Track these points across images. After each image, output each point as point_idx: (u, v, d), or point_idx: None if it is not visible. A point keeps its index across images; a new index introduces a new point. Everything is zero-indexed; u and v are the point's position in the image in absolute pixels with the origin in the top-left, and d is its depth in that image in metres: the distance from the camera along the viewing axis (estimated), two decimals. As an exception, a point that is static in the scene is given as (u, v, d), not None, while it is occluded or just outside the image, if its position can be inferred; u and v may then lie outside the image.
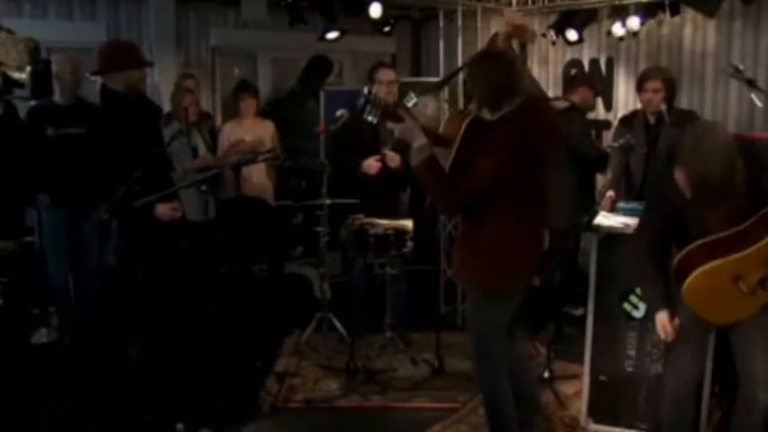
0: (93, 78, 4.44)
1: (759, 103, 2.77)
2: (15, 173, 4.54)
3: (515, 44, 3.63)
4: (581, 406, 3.89)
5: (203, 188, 3.95)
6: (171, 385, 4.03)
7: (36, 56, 3.50)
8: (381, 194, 4.87)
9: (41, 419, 3.90)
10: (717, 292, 2.87)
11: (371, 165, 4.79)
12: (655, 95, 4.41)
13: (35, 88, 3.48)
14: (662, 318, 3.04)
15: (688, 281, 2.87)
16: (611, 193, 4.43)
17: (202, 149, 5.10)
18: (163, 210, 3.88)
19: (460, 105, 6.11)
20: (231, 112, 5.85)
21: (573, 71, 6.66)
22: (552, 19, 6.49)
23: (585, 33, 6.24)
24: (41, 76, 3.42)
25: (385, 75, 4.94)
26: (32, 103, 4.81)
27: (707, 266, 2.83)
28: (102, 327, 4.98)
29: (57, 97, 4.74)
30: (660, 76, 4.47)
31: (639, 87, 4.53)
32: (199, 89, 5.66)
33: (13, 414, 3.09)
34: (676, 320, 3.04)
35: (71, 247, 4.84)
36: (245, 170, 5.25)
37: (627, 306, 3.69)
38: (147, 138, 3.96)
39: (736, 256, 2.81)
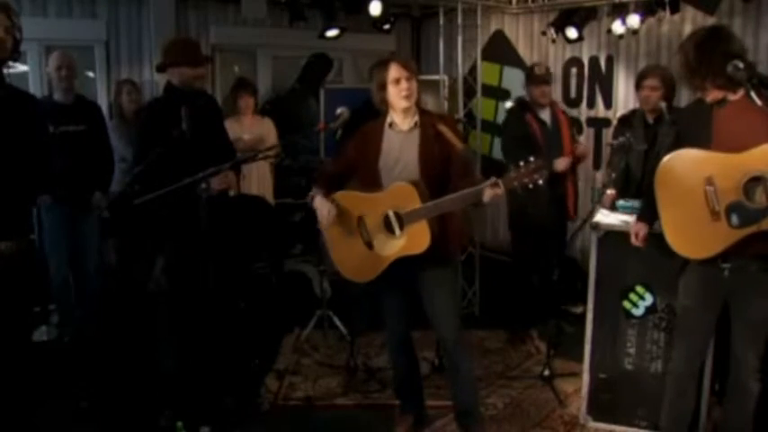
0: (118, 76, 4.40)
1: (758, 102, 2.75)
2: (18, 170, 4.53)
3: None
4: (580, 404, 3.91)
5: (202, 186, 3.94)
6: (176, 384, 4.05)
7: None
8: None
9: (41, 416, 3.89)
10: (686, 187, 2.90)
11: None
12: (652, 93, 4.43)
13: None
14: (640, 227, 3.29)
15: (667, 157, 2.96)
16: (610, 191, 4.43)
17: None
18: (215, 182, 3.79)
19: (460, 104, 6.11)
20: (230, 110, 5.85)
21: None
22: (552, 17, 6.48)
23: (585, 31, 6.24)
24: None
25: None
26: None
27: (690, 150, 2.91)
28: (103, 325, 4.99)
29: (55, 95, 4.76)
30: (658, 74, 4.48)
31: (637, 85, 4.56)
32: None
33: (13, 411, 3.10)
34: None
35: (71, 246, 4.85)
36: (245, 168, 5.26)
37: (627, 304, 3.70)
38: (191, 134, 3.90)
39: (717, 154, 2.85)
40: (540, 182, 3.04)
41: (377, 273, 3.41)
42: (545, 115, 5.08)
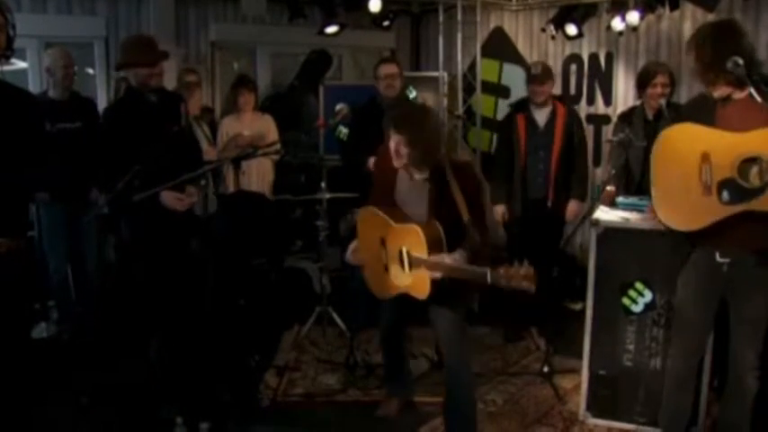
0: (119, 73, 4.44)
1: (758, 98, 2.76)
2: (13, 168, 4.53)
3: None
4: (580, 400, 3.91)
5: (202, 182, 3.95)
6: (172, 379, 4.05)
7: None
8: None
9: (41, 413, 3.89)
10: (681, 159, 2.92)
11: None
12: (665, 89, 4.44)
13: None
14: None
15: (670, 128, 3.00)
16: (610, 187, 4.43)
17: (204, 143, 5.10)
18: (168, 198, 3.88)
19: (460, 100, 6.11)
20: (230, 107, 5.85)
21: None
22: (552, 13, 6.48)
23: (585, 28, 6.23)
24: None
25: (384, 69, 4.93)
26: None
27: (691, 125, 2.94)
28: (102, 322, 4.98)
29: (51, 92, 4.74)
30: (667, 70, 4.50)
31: (647, 83, 4.50)
32: (200, 84, 5.66)
33: (12, 408, 3.11)
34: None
35: (70, 243, 4.84)
36: (245, 165, 5.26)
37: (626, 300, 3.70)
38: (148, 133, 3.94)
39: (717, 131, 2.87)
40: (531, 290, 2.83)
41: (390, 296, 3.45)
42: (540, 115, 5.01)
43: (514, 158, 5.02)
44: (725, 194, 2.82)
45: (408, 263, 3.26)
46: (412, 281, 3.26)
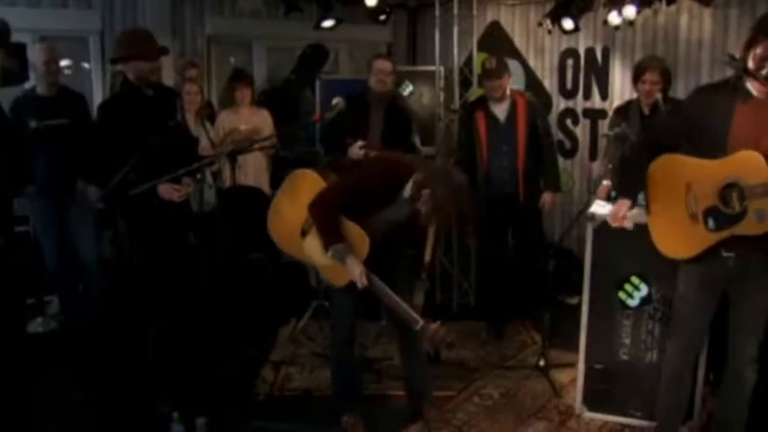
0: (116, 67, 4.42)
1: (755, 93, 2.76)
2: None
3: None
4: (576, 394, 3.92)
5: (198, 176, 3.95)
6: (168, 374, 4.05)
7: (3, 40, 3.38)
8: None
9: (36, 407, 3.89)
10: (669, 190, 3.01)
11: (355, 151, 4.71)
12: (653, 87, 4.42)
13: (4, 74, 3.41)
14: (623, 203, 3.27)
15: (658, 159, 3.06)
16: (606, 182, 4.44)
17: (204, 138, 5.10)
18: (165, 189, 3.88)
19: (456, 95, 6.09)
20: (227, 101, 5.83)
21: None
22: (548, 8, 6.47)
23: (581, 22, 6.21)
24: (12, 62, 3.32)
25: (377, 64, 4.89)
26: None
27: (674, 156, 3.01)
28: (99, 316, 4.98)
29: (39, 88, 4.70)
30: (659, 67, 4.47)
31: (637, 78, 4.51)
32: (201, 78, 5.63)
33: (8, 401, 3.11)
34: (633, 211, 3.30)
35: (64, 235, 4.82)
36: (241, 159, 5.25)
37: (622, 294, 3.71)
38: (145, 128, 3.93)
39: (698, 160, 2.93)
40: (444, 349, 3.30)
41: (298, 256, 3.64)
42: (500, 109, 5.00)
43: (476, 156, 5.02)
44: (710, 222, 2.90)
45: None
46: (330, 267, 3.40)
